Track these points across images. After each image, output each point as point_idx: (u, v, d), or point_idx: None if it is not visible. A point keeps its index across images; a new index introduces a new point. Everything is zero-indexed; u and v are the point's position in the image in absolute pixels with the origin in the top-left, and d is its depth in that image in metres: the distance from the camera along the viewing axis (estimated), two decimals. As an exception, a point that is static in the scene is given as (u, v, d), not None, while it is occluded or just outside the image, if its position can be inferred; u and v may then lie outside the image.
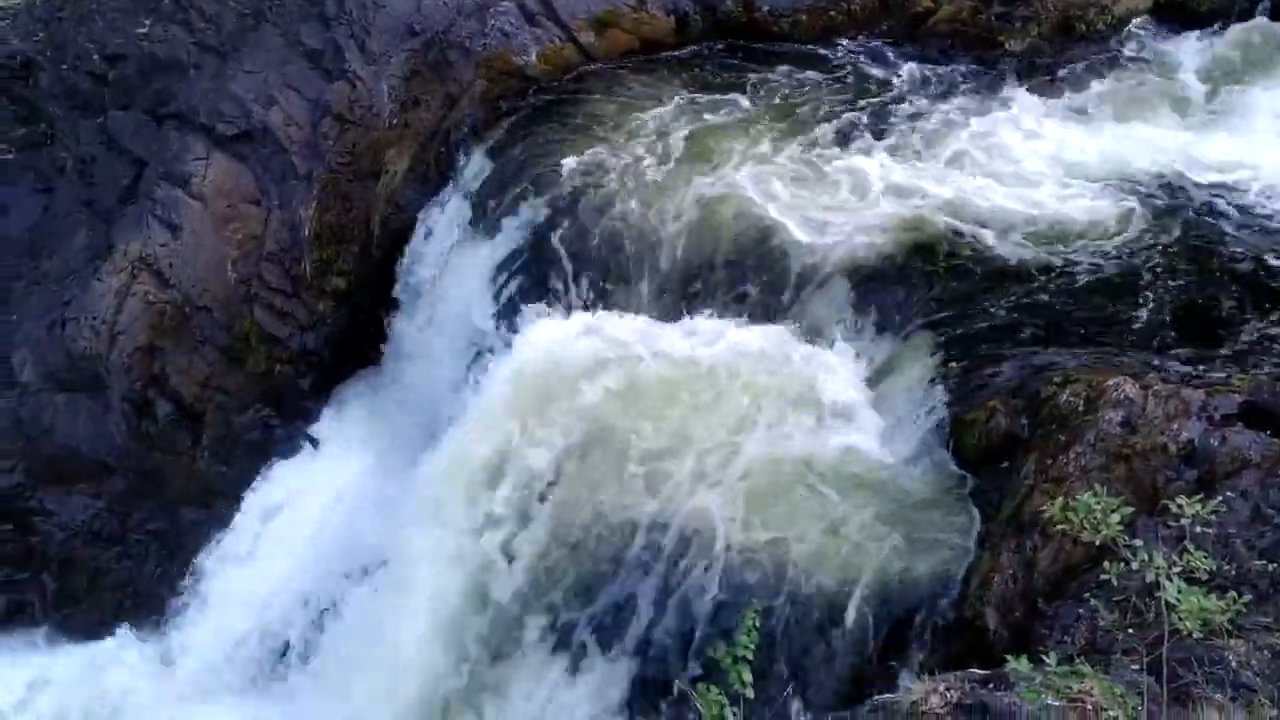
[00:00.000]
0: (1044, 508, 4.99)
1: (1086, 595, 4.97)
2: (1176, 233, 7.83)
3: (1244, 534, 4.95)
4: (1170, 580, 3.12)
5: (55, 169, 11.76)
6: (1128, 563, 3.09)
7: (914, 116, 9.51)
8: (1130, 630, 4.38)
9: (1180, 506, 3.31)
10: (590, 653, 6.53)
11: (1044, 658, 3.26)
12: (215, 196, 10.82)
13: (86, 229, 11.23)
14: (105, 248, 10.96)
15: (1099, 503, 3.19)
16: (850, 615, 5.95)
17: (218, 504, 10.52)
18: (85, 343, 10.69)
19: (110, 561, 10.93)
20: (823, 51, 10.70)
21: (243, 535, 10.23)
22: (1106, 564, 3.26)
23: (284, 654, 9.48)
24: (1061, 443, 5.77)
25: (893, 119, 9.48)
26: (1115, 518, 3.18)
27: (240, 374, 10.74)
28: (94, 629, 10.58)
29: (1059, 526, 4.17)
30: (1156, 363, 6.37)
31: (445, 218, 9.90)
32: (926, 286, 7.55)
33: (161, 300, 10.70)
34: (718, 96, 9.95)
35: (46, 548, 10.89)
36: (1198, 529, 3.34)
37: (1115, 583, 3.22)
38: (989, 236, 7.91)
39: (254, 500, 10.35)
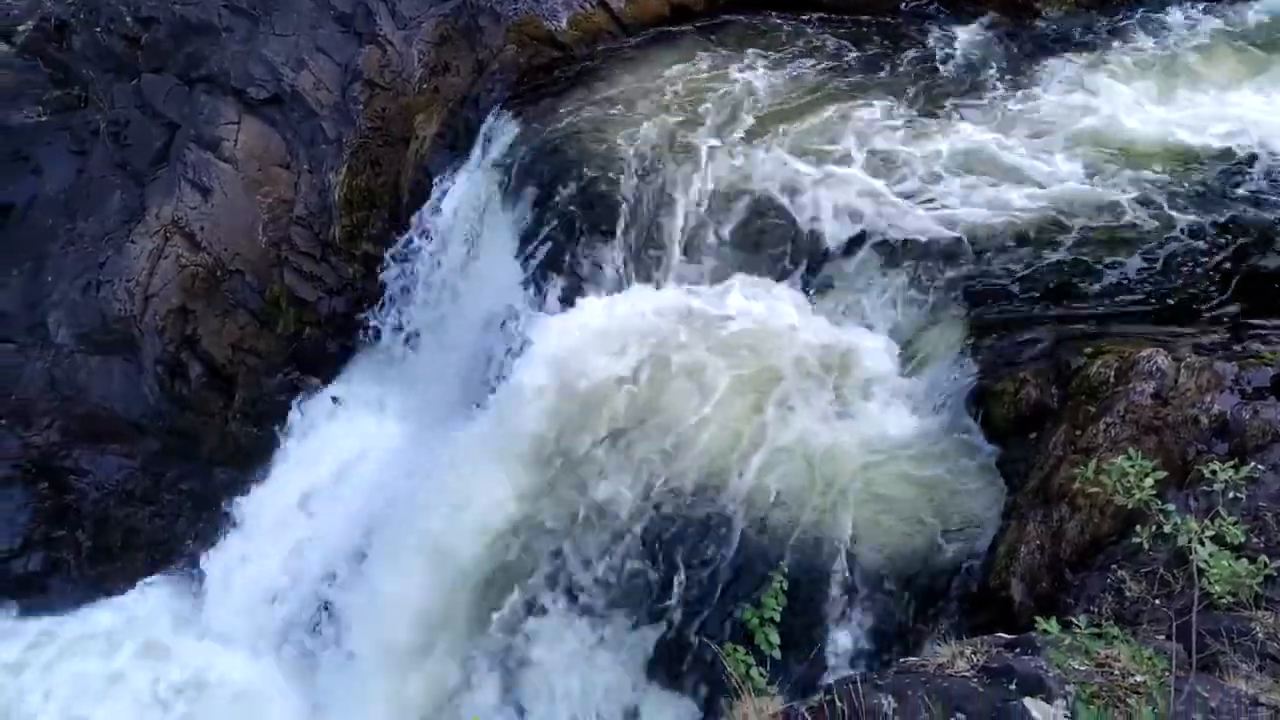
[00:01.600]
0: (1074, 475, 4.98)
1: (1113, 566, 4.97)
2: (1215, 202, 7.72)
3: (1274, 507, 4.92)
4: (1202, 544, 3.12)
5: (89, 131, 11.88)
6: (1159, 526, 3.09)
7: (948, 83, 9.42)
8: (1157, 601, 4.38)
9: (1214, 472, 3.30)
10: (618, 615, 6.61)
11: (1073, 620, 3.28)
12: (246, 160, 10.90)
13: (120, 191, 11.36)
14: (138, 210, 11.10)
15: (1133, 466, 3.19)
16: (877, 582, 5.98)
17: (248, 464, 10.67)
18: (119, 305, 10.84)
19: (143, 520, 11.13)
20: (856, 18, 10.59)
21: (272, 495, 10.35)
22: (1138, 527, 3.26)
23: (311, 610, 9.62)
24: (1091, 414, 5.73)
25: (925, 87, 9.38)
26: (1149, 481, 3.18)
27: (270, 337, 10.87)
28: (127, 586, 10.78)
29: (1092, 490, 4.15)
30: (1190, 334, 6.31)
31: (474, 185, 9.89)
32: (957, 255, 7.49)
33: (193, 263, 10.83)
34: (750, 63, 9.87)
35: (81, 506, 11.10)
36: (1230, 494, 3.34)
37: (1146, 546, 3.22)
38: (1023, 204, 7.84)
39: (282, 461, 10.48)
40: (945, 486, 6.35)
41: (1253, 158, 8.16)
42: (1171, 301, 6.90)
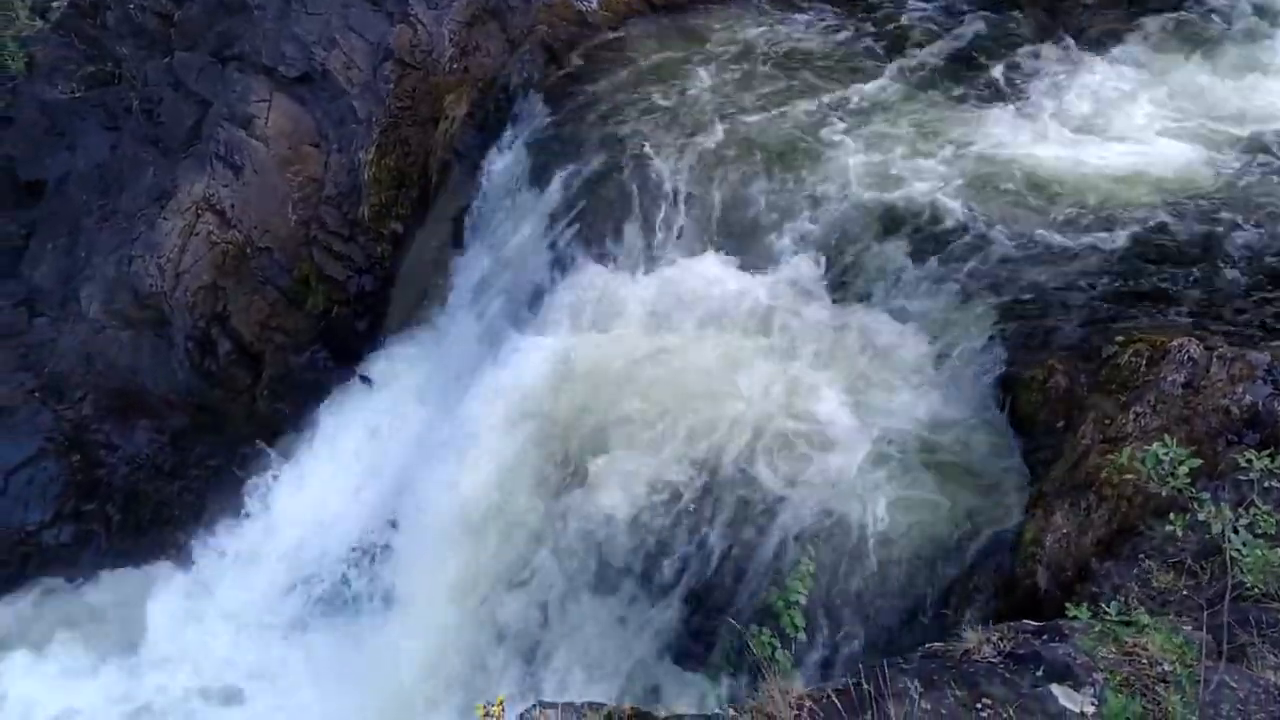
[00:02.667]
0: (1103, 464, 4.94)
1: (1141, 556, 4.94)
2: (1255, 187, 7.61)
3: (1306, 500, 4.88)
4: (1236, 532, 3.11)
5: (123, 108, 11.97)
6: (1193, 515, 3.08)
7: (986, 66, 9.33)
8: (1185, 591, 4.35)
9: (1249, 461, 3.28)
10: (645, 593, 6.64)
11: (1104, 608, 3.28)
12: (277, 138, 10.96)
13: (152, 168, 11.44)
14: (170, 187, 11.18)
15: (1168, 453, 3.17)
16: (903, 568, 5.97)
17: (275, 442, 10.77)
18: (151, 281, 10.94)
19: (172, 495, 11.25)
20: None
21: (298, 473, 10.44)
22: (1171, 515, 3.25)
23: (337, 588, 9.71)
24: (1121, 403, 5.69)
25: (961, 68, 9.32)
26: (1183, 469, 3.17)
27: (299, 315, 10.95)
28: (155, 559, 10.91)
29: (1121, 479, 4.12)
30: (1224, 323, 6.24)
31: (503, 165, 9.89)
32: (987, 239, 7.43)
33: (224, 240, 10.91)
34: (779, 42, 9.83)
35: (112, 480, 11.23)
36: (1265, 484, 3.32)
37: (1179, 534, 3.21)
38: (1055, 188, 7.76)
39: (310, 439, 10.56)
40: (972, 473, 6.33)
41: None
42: (1207, 286, 6.80)
